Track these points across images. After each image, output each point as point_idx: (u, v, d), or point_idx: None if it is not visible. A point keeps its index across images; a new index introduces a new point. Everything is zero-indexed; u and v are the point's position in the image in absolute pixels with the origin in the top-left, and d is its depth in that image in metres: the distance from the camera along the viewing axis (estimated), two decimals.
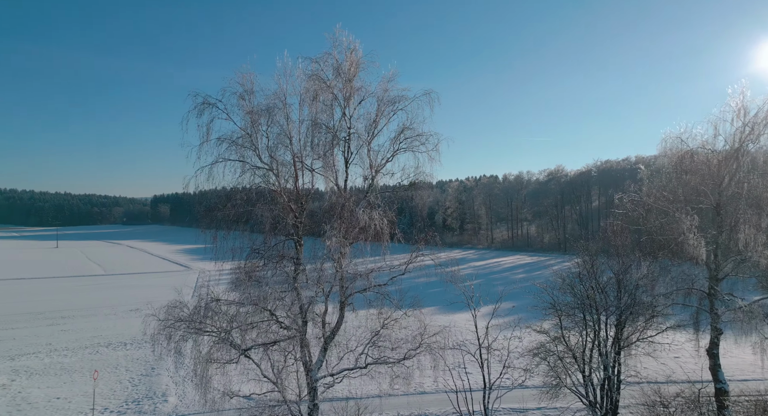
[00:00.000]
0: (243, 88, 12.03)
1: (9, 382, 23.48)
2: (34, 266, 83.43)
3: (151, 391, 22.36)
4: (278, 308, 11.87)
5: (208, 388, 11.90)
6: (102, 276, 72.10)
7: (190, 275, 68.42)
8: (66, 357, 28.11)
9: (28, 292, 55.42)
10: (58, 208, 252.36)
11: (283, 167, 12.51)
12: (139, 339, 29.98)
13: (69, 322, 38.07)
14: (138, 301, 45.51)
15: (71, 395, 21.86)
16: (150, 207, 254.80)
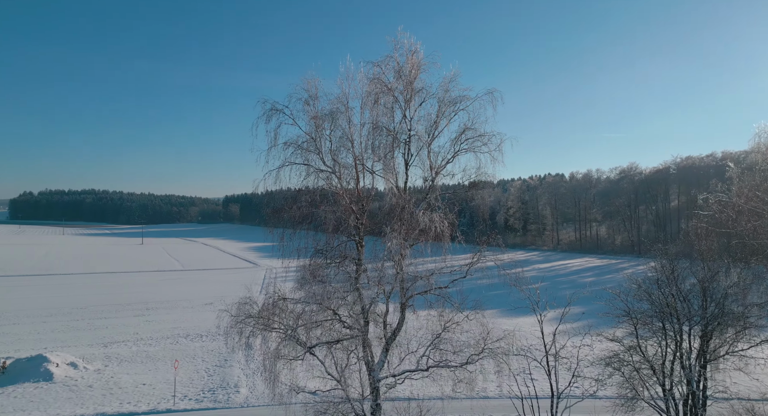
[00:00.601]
0: (308, 94, 12.46)
1: (103, 367, 26.02)
2: (122, 260, 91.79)
3: (225, 382, 23.78)
4: (341, 307, 12.18)
5: (276, 383, 12.43)
6: (180, 271, 77.78)
7: (258, 272, 72.00)
8: (150, 346, 30.63)
9: (118, 285, 61.10)
10: (143, 208, 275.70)
11: (345, 169, 12.80)
12: (213, 331, 32.00)
13: (152, 313, 41.46)
14: (211, 296, 48.64)
15: (155, 381, 23.78)
16: (222, 207, 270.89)
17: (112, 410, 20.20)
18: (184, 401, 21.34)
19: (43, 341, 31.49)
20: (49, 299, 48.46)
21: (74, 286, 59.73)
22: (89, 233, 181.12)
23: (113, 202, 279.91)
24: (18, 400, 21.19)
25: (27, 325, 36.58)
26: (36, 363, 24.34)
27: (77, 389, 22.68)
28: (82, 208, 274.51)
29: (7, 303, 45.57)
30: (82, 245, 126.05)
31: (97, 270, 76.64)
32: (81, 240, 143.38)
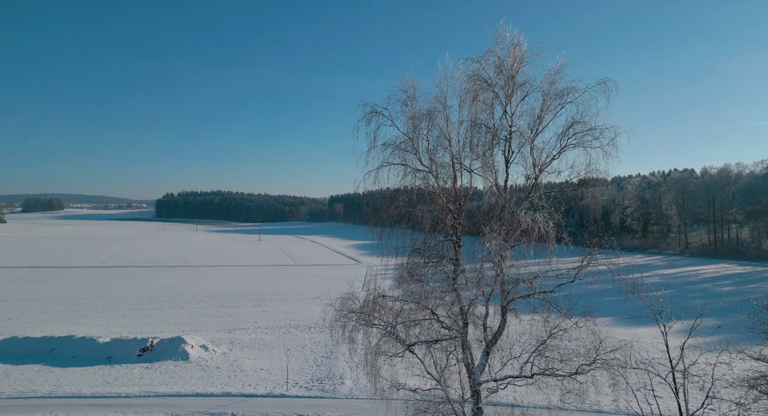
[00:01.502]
0: (406, 95, 12.63)
1: (228, 351, 29.15)
2: (243, 255, 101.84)
3: (331, 373, 25.14)
4: (439, 307, 12.16)
5: (377, 378, 12.83)
6: (291, 266, 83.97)
7: (360, 269, 74.90)
8: (266, 334, 33.56)
9: (239, 277, 67.97)
10: (260, 207, 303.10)
11: (442, 168, 12.75)
12: (320, 324, 34.02)
13: (268, 304, 45.37)
14: (318, 290, 51.74)
15: (271, 367, 26.01)
16: (327, 206, 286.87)
17: (236, 390, 22.51)
18: (295, 388, 23.00)
19: (180, 324, 36.23)
20: (185, 288, 55.63)
21: (205, 277, 67.80)
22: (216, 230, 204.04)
23: (236, 202, 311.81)
24: (162, 375, 24.65)
25: (168, 310, 42.41)
26: (175, 344, 28.11)
27: (208, 369, 25.70)
28: (212, 207, 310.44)
29: (153, 290, 53.33)
30: (211, 240, 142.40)
31: (223, 263, 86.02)
32: (210, 236, 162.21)
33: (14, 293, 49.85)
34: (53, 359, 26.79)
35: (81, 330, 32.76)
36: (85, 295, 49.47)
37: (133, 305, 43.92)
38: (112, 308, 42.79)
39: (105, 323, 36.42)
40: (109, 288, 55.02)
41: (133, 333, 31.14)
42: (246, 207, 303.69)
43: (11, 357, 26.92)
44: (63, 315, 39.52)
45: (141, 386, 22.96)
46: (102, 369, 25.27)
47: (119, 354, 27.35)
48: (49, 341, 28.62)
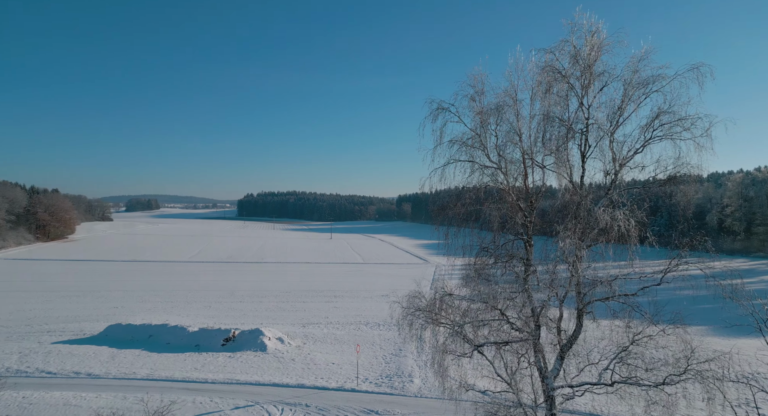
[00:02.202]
0: (474, 90, 12.39)
1: (302, 344, 30.46)
2: (316, 252, 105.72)
3: (400, 370, 25.35)
4: (508, 308, 11.78)
5: (445, 377, 12.73)
6: (361, 264, 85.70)
7: (428, 268, 74.64)
8: (338, 329, 34.60)
9: (312, 273, 70.68)
10: (331, 207, 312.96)
11: (512, 165, 12.33)
12: (389, 322, 34.35)
13: (339, 301, 46.72)
14: (386, 288, 52.32)
15: (342, 362, 26.78)
16: (396, 206, 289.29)
17: (310, 383, 23.46)
18: (365, 383, 23.49)
19: (259, 317, 38.46)
20: (263, 283, 58.95)
21: (281, 273, 71.34)
22: (291, 228, 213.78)
23: (309, 202, 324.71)
24: (243, 364, 26.35)
25: (248, 303, 45.20)
26: (255, 336, 29.90)
27: (283, 360, 27.04)
28: (287, 206, 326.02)
29: (235, 285, 57.12)
30: (287, 238, 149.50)
31: (297, 260, 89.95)
32: (286, 234, 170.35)
33: (118, 285, 55.93)
34: (151, 345, 29.66)
35: (174, 319, 35.95)
36: (177, 287, 54.23)
37: (218, 298, 47.38)
38: (199, 300, 46.50)
39: (194, 313, 39.66)
40: (197, 282, 59.82)
41: (218, 324, 33.59)
42: (318, 207, 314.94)
43: (116, 341, 30.20)
44: (159, 305, 43.63)
45: (225, 373, 24.71)
46: (191, 356, 27.53)
47: (206, 342, 29.64)
48: (147, 328, 31.74)
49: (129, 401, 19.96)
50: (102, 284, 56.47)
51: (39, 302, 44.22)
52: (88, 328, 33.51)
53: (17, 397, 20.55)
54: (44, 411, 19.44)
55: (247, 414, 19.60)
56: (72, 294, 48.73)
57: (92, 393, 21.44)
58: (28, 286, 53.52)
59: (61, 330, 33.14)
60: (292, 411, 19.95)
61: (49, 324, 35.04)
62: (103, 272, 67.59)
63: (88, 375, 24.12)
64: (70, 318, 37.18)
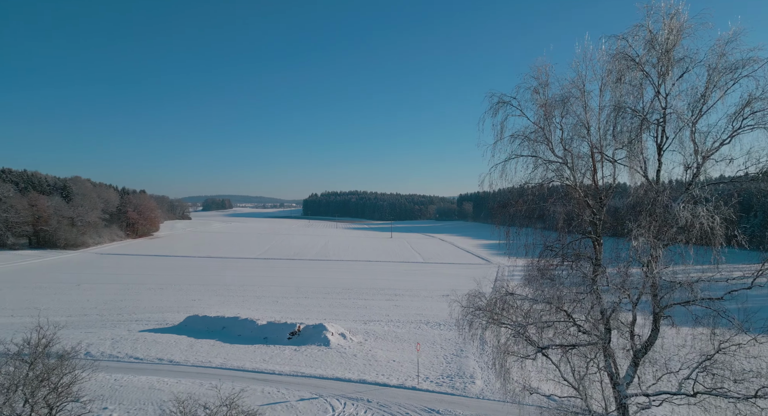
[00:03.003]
0: (537, 82, 11.94)
1: (363, 341, 31.01)
2: (376, 251, 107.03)
3: (461, 371, 25.03)
4: (575, 310, 11.19)
5: (507, 379, 12.38)
6: (421, 263, 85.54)
7: (489, 268, 72.89)
8: (398, 327, 34.82)
9: (373, 271, 71.64)
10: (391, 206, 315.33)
11: (579, 159, 11.70)
12: (449, 322, 34.01)
13: (399, 299, 46.99)
14: (447, 288, 51.68)
15: (402, 360, 26.93)
16: (456, 205, 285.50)
17: (371, 379, 23.83)
18: (426, 382, 23.45)
19: (322, 313, 39.66)
20: (326, 280, 60.69)
21: (343, 270, 73.03)
22: (353, 227, 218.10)
23: (369, 201, 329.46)
24: (307, 358, 27.31)
25: (312, 299, 46.77)
26: (318, 330, 30.88)
27: (346, 356, 27.69)
28: (349, 206, 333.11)
29: (300, 281, 59.31)
30: (348, 237, 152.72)
31: (359, 258, 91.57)
32: (347, 233, 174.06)
33: (196, 279, 60.16)
34: (224, 336, 31.62)
35: (244, 312, 38.02)
36: (247, 282, 57.33)
37: (284, 294, 49.47)
38: (268, 295, 48.83)
39: (263, 308, 41.72)
40: (266, 277, 62.85)
41: (284, 318, 35.08)
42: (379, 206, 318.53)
43: (194, 331, 32.51)
44: (231, 298, 46.38)
45: (291, 366, 25.76)
46: (260, 348, 28.99)
47: (273, 335, 31.08)
48: (221, 320, 33.86)
49: (204, 387, 21.40)
50: (182, 278, 61.05)
51: (128, 293, 48.71)
52: (170, 318, 36.37)
53: (110, 379, 22.75)
54: (132, 393, 21.37)
55: (312, 406, 20.29)
56: (156, 287, 53.15)
57: (173, 379, 23.25)
58: (120, 279, 59.11)
59: (147, 320, 36.26)
60: (354, 405, 20.37)
61: (136, 314, 38.50)
62: (182, 267, 73.04)
63: (170, 362, 26.18)
64: (154, 309, 40.59)
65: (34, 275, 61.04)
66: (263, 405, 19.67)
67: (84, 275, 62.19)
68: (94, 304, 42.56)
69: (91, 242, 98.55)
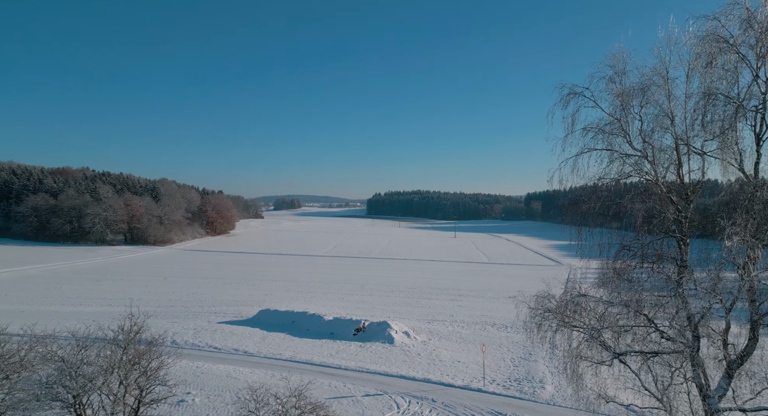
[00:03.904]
0: (613, 70, 11.19)
1: (427, 340, 30.89)
2: (439, 250, 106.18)
3: (530, 375, 24.14)
4: (657, 315, 10.33)
5: (580, 386, 11.75)
6: (486, 264, 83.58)
7: (559, 270, 69.49)
8: (462, 328, 34.29)
9: (436, 271, 71.16)
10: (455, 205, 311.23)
11: (661, 152, 10.80)
12: (517, 324, 32.95)
13: (463, 300, 46.25)
14: (514, 289, 50.04)
15: (467, 361, 26.49)
16: (524, 204, 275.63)
17: (435, 378, 23.69)
18: (492, 384, 22.89)
19: (386, 311, 40.05)
20: (390, 279, 61.22)
21: (406, 269, 73.27)
22: (416, 227, 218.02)
23: (433, 200, 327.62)
24: (372, 354, 27.72)
25: (376, 297, 47.40)
26: (383, 328, 31.23)
27: (410, 354, 27.76)
28: (412, 205, 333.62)
29: (365, 279, 60.34)
30: (411, 236, 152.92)
31: (422, 258, 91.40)
32: (410, 232, 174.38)
33: (268, 274, 63.32)
34: (293, 330, 32.98)
35: (312, 308, 39.41)
36: (315, 279, 59.38)
37: (349, 291, 50.60)
38: (334, 291, 50.23)
39: (329, 304, 42.99)
40: (332, 274, 64.71)
41: (350, 315, 35.88)
42: (442, 205, 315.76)
43: (266, 324, 34.23)
44: (299, 294, 48.28)
45: (356, 361, 26.30)
46: (327, 343, 29.89)
47: (339, 331, 31.91)
48: (290, 315, 35.35)
49: (275, 378, 22.46)
50: (255, 273, 64.56)
51: (208, 287, 52.36)
52: (245, 311, 38.58)
53: (192, 366, 24.58)
54: (211, 380, 22.94)
55: (377, 402, 20.57)
56: (232, 281, 56.65)
57: (248, 369, 24.64)
58: (200, 273, 63.72)
59: (224, 312, 38.75)
60: (419, 404, 20.36)
61: (215, 306, 41.28)
62: (255, 263, 77.22)
63: (245, 353, 27.77)
64: (230, 302, 43.28)
65: (128, 269, 67.52)
66: (330, 398, 20.27)
67: (170, 269, 67.78)
68: (178, 296, 46.24)
69: (176, 239, 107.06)
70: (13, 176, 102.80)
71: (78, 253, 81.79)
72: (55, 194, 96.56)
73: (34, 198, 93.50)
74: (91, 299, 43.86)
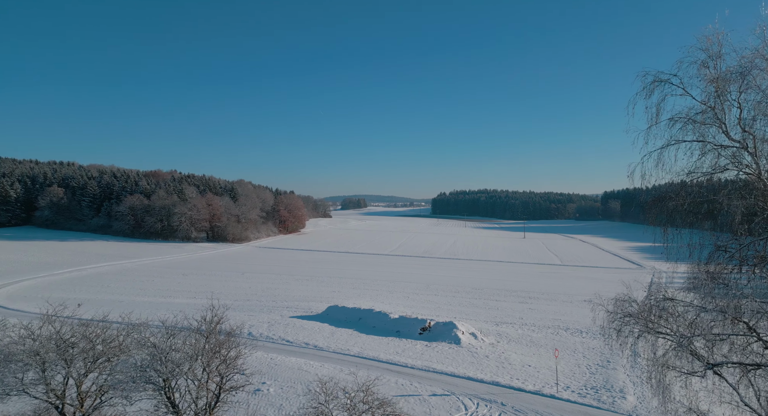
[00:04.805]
0: (706, 54, 10.14)
1: (495, 342, 30.09)
2: (508, 251, 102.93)
3: (608, 383, 22.68)
4: (759, 323, 9.22)
5: (667, 398, 10.83)
6: (558, 266, 79.69)
7: (642, 273, 64.51)
8: (533, 331, 32.99)
9: (504, 272, 69.06)
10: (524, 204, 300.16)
11: (764, 143, 9.61)
12: (594, 330, 31.13)
13: (534, 302, 44.47)
14: (589, 293, 47.25)
15: (539, 365, 25.45)
16: (600, 203, 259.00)
17: (504, 381, 23.01)
18: (566, 391, 21.79)
19: (452, 311, 39.56)
20: (456, 279, 60.41)
21: (473, 269, 71.88)
22: (483, 227, 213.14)
23: (500, 199, 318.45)
24: (438, 354, 27.52)
25: (441, 297, 46.98)
26: (449, 328, 30.89)
27: (477, 356, 27.20)
28: (478, 204, 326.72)
29: (430, 279, 60.06)
30: (478, 236, 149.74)
31: (489, 258, 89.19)
32: (477, 232, 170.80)
33: (336, 272, 65.15)
34: (360, 326, 33.63)
35: (378, 305, 39.94)
36: (380, 277, 60.13)
37: (414, 290, 50.63)
38: (399, 290, 50.54)
39: (394, 302, 43.32)
40: (397, 273, 65.16)
41: (415, 314, 35.88)
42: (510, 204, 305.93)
43: (334, 320, 35.23)
44: (366, 292, 49.14)
45: (422, 360, 26.25)
46: (393, 341, 30.14)
47: (405, 329, 32.04)
48: (357, 312, 36.09)
49: (344, 373, 23.04)
50: (323, 270, 66.71)
51: (280, 282, 54.96)
52: (314, 307, 40.00)
53: (266, 358, 25.92)
54: (284, 372, 24.03)
55: (444, 402, 20.40)
56: (302, 278, 58.98)
57: (317, 363, 25.52)
58: (273, 269, 67.03)
59: (296, 307, 40.44)
60: (488, 407, 19.90)
61: (287, 301, 43.21)
62: (324, 261, 79.79)
63: (315, 347, 28.78)
64: (301, 298, 45.09)
65: (210, 264, 72.67)
66: (396, 395, 20.40)
67: (246, 265, 72.01)
68: (254, 291, 49.01)
69: (252, 236, 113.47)
70: (113, 178, 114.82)
71: (167, 249, 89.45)
72: (149, 194, 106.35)
73: (130, 199, 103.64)
74: (178, 292, 47.78)
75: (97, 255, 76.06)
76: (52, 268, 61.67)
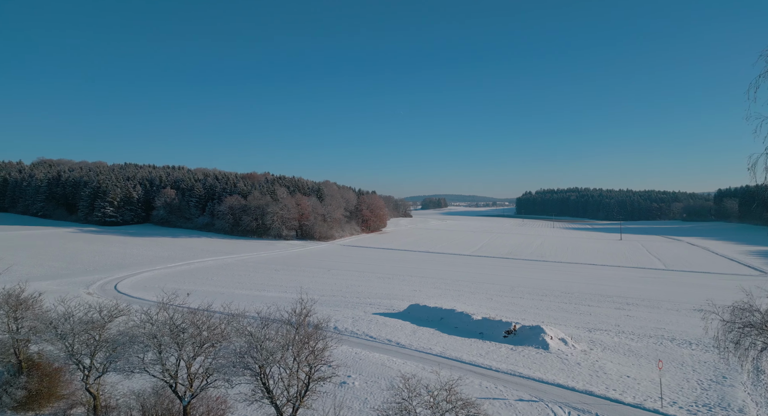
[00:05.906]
0: None
1: (588, 349, 28.17)
2: (602, 254, 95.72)
3: (724, 401, 20.20)
4: None
5: None
6: (662, 270, 72.48)
7: (764, 280, 56.31)
8: (632, 340, 30.37)
9: (598, 276, 64.36)
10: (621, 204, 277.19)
11: None
12: (706, 341, 27.95)
13: (632, 309, 40.89)
14: (700, 301, 42.34)
15: (639, 377, 23.38)
16: (713, 202, 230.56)
17: (599, 392, 21.45)
18: (673, 407, 19.78)
19: (539, 315, 37.75)
20: (543, 282, 57.55)
21: (562, 272, 67.96)
22: (573, 227, 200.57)
23: (593, 199, 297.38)
24: (525, 358, 26.43)
25: (527, 300, 45.02)
26: (536, 332, 29.52)
27: (567, 363, 25.67)
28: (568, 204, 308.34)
29: (514, 280, 57.86)
30: (567, 237, 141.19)
31: (580, 261, 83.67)
32: (566, 233, 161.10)
33: (417, 271, 65.42)
34: (442, 326, 33.42)
35: (460, 306, 39.39)
36: (462, 278, 59.25)
37: (498, 292, 49.13)
38: (482, 291, 49.38)
39: (477, 303, 42.41)
40: (479, 274, 63.74)
41: (499, 316, 34.83)
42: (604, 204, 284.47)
43: (415, 319, 35.39)
44: (447, 292, 48.71)
45: (507, 364, 25.40)
46: (476, 342, 29.53)
47: (488, 331, 31.23)
48: (439, 311, 35.91)
49: (426, 371, 23.06)
50: (404, 269, 67.35)
51: (363, 279, 56.50)
52: (396, 305, 40.54)
53: (351, 352, 26.78)
54: (368, 366, 24.65)
55: (532, 408, 19.56)
56: (384, 276, 60.07)
57: (400, 360, 25.83)
58: (356, 267, 69.09)
59: (378, 304, 41.30)
60: None
61: (369, 298, 44.29)
62: (404, 260, 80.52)
63: (397, 344, 29.16)
64: (383, 295, 45.94)
65: (299, 261, 76.85)
66: (480, 398, 19.95)
67: (332, 262, 75.05)
68: (338, 287, 50.92)
69: (336, 235, 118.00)
70: (216, 180, 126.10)
71: (261, 246, 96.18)
72: (245, 195, 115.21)
73: (230, 199, 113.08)
74: (271, 286, 51.18)
75: (202, 251, 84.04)
76: (166, 261, 69.35)
